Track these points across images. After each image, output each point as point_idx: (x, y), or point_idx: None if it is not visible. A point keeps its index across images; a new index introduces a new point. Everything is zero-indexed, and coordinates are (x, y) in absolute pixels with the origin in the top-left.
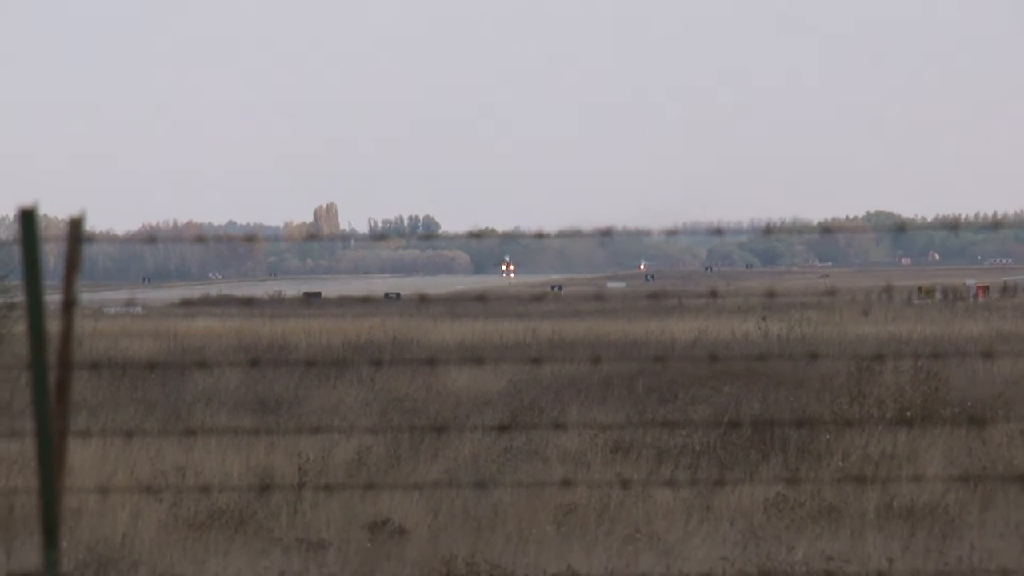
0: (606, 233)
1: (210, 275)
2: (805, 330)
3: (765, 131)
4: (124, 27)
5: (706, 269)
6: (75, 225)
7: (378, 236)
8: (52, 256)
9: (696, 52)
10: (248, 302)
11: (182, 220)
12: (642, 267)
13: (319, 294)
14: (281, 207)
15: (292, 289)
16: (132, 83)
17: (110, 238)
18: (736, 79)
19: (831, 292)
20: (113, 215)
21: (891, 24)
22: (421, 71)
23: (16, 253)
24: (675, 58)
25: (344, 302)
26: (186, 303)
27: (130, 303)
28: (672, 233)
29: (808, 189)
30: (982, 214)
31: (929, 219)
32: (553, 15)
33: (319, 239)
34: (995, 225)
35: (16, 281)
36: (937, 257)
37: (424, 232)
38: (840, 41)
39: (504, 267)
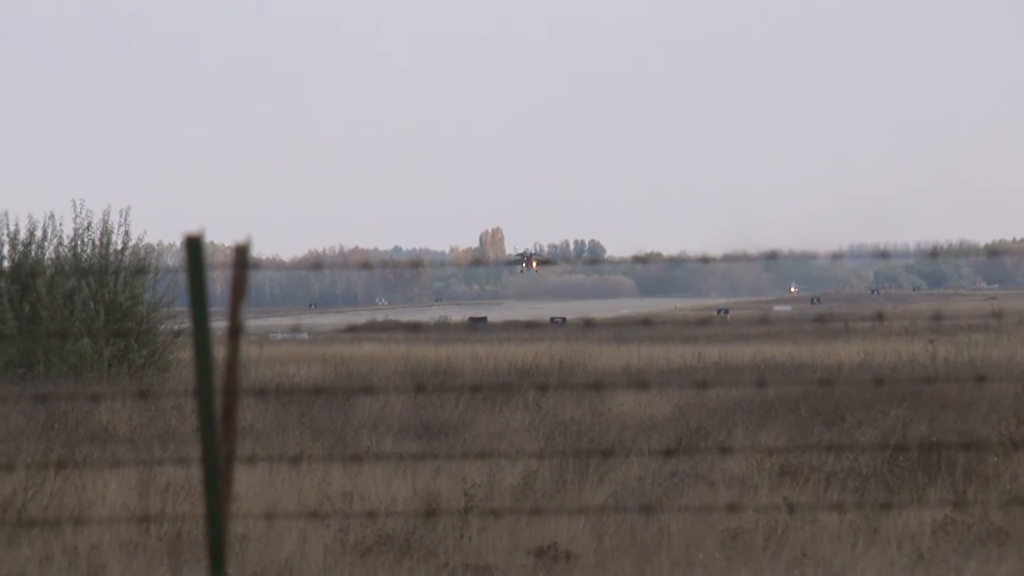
0: (772, 256)
1: (376, 300)
2: (972, 352)
3: (929, 151)
4: (304, 59)
5: (872, 292)
6: (241, 252)
7: (543, 261)
8: (219, 283)
9: (856, 71)
10: (414, 327)
11: (348, 246)
12: (792, 290)
13: (485, 319)
14: (447, 232)
15: (458, 314)
16: (298, 112)
17: (276, 264)
18: (896, 97)
19: (999, 314)
20: (279, 241)
21: None
22: (587, 95)
23: (182, 280)
24: (838, 77)
25: (510, 327)
26: (352, 328)
27: (296, 329)
28: (838, 256)
29: (975, 210)
30: None
31: None
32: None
33: (485, 264)
34: None
35: (182, 308)
36: None
37: (589, 256)
38: (1002, 57)
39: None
